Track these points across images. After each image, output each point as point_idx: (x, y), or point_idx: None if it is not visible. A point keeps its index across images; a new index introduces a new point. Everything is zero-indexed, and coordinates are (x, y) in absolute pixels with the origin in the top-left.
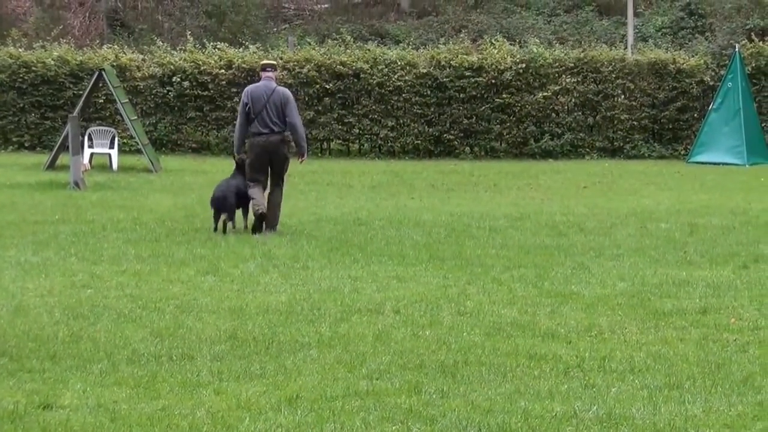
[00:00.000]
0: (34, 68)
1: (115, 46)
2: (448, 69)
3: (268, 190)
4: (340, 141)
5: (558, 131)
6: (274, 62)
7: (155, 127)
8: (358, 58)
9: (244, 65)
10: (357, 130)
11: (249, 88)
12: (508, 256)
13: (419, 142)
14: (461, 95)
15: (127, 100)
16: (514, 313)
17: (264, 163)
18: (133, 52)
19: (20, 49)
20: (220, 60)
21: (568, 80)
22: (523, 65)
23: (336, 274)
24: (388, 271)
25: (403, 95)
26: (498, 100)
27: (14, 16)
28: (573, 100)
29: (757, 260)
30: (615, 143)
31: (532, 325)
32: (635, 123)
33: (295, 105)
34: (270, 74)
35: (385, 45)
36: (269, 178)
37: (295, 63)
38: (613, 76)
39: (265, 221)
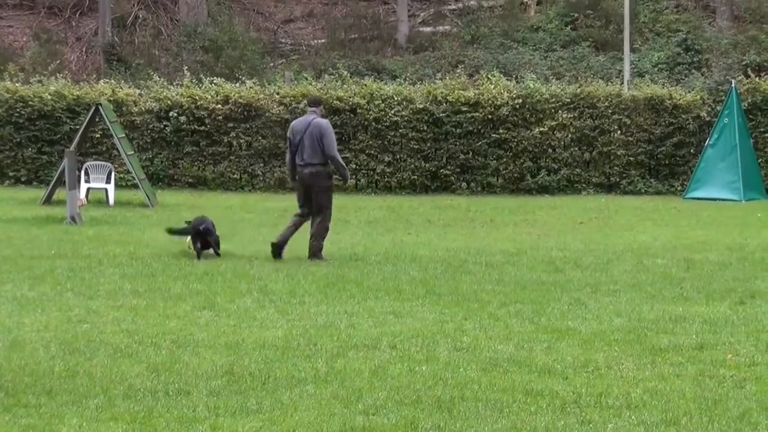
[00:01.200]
0: (30, 103)
1: (112, 81)
2: (444, 104)
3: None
4: (337, 176)
5: (554, 167)
6: (319, 96)
7: (152, 162)
8: (355, 93)
9: (240, 100)
10: (354, 166)
11: (292, 122)
12: (505, 292)
13: (416, 177)
14: (458, 130)
15: (123, 135)
16: (510, 348)
17: (303, 194)
18: (129, 87)
19: (17, 84)
20: (217, 95)
21: (564, 115)
22: (520, 100)
23: (332, 309)
24: (385, 306)
25: (400, 130)
26: (494, 135)
27: (11, 51)
28: (569, 135)
29: (754, 296)
30: (611, 179)
31: (529, 360)
32: (632, 158)
33: (330, 136)
34: (314, 109)
35: (381, 80)
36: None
37: (292, 98)
38: (610, 111)
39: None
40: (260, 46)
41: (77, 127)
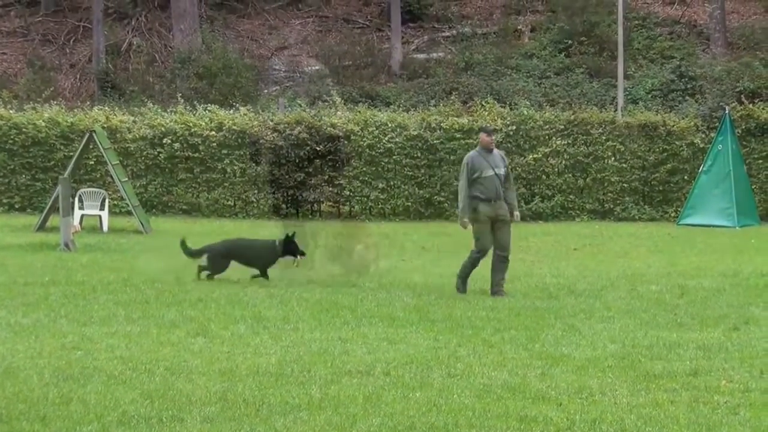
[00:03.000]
0: (24, 130)
1: (106, 108)
2: (438, 131)
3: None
4: (331, 203)
5: (548, 193)
6: (486, 126)
7: (146, 189)
8: (349, 120)
9: (234, 127)
10: (347, 192)
11: None
12: (499, 318)
13: (410, 204)
14: (452, 157)
15: (117, 162)
16: (504, 375)
17: None
18: (123, 114)
19: (11, 111)
20: (211, 122)
21: (558, 142)
22: (514, 127)
23: (326, 335)
24: (379, 332)
25: (394, 157)
26: None
27: (5, 78)
28: (563, 162)
29: (748, 322)
30: (605, 205)
31: (523, 387)
32: (625, 185)
33: (461, 167)
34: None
35: (375, 107)
36: None
37: (286, 125)
38: (604, 138)
39: None
40: (254, 73)
41: (71, 153)
